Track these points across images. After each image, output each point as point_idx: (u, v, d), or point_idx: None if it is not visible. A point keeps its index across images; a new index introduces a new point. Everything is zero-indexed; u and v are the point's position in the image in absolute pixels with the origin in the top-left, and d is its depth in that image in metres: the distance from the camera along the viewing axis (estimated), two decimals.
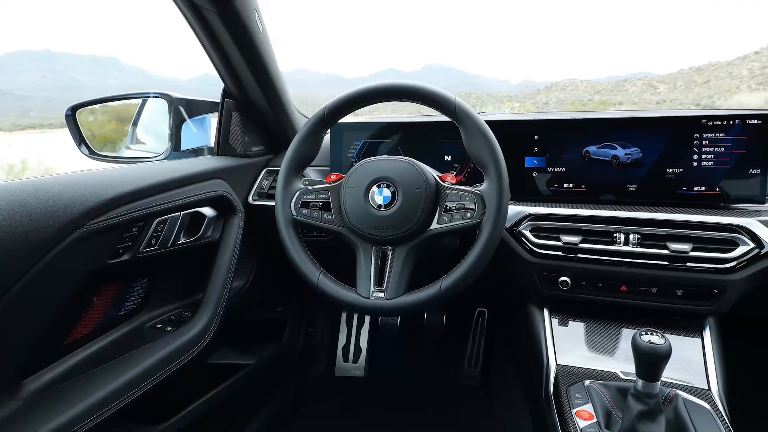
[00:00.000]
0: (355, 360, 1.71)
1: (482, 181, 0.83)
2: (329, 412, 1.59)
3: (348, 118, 0.99)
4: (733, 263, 0.89)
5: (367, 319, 1.78)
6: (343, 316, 1.79)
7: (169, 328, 1.02)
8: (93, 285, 0.91)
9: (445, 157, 1.15)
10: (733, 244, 0.89)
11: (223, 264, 1.09)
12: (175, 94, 1.27)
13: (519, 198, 1.07)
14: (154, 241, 0.93)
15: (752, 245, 0.88)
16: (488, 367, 1.67)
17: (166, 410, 1.12)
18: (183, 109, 1.28)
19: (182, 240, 1.01)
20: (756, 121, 0.93)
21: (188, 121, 1.29)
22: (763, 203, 0.94)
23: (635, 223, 0.95)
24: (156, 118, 1.37)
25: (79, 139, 1.31)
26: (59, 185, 0.79)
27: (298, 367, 1.68)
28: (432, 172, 0.87)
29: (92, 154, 1.34)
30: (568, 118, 1.07)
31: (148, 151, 1.42)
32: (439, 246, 1.00)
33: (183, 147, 1.29)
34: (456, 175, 0.88)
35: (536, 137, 1.07)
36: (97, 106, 1.38)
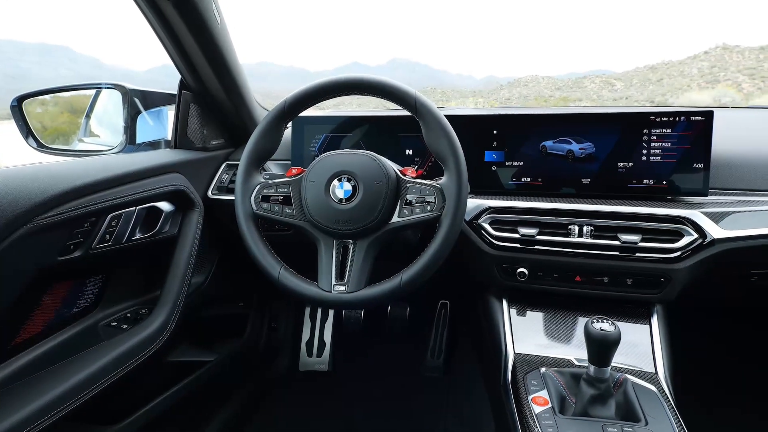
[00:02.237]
0: (319, 354, 1.71)
1: (443, 175, 0.84)
2: (292, 406, 1.59)
3: (310, 112, 0.99)
4: (679, 253, 0.93)
5: (331, 313, 1.78)
6: (307, 310, 1.79)
7: (125, 326, 0.99)
8: (43, 283, 0.88)
9: (407, 151, 1.16)
10: (679, 235, 0.94)
11: (181, 259, 1.06)
12: (130, 85, 1.23)
13: (479, 191, 1.09)
14: (107, 237, 0.90)
15: (696, 236, 0.93)
16: (451, 357, 1.70)
17: (121, 410, 1.09)
18: (138, 101, 1.24)
19: (138, 235, 0.98)
20: (699, 118, 0.98)
21: (144, 113, 1.25)
22: (706, 196, 0.99)
23: (588, 216, 0.99)
24: (110, 110, 1.32)
25: (26, 132, 1.25)
26: (4, 179, 0.75)
27: (260, 362, 1.67)
28: (393, 166, 0.88)
29: (41, 147, 1.28)
30: (526, 113, 1.10)
31: (102, 144, 1.37)
32: (401, 239, 1.02)
33: (139, 140, 1.25)
34: (417, 169, 0.89)
35: (495, 132, 1.10)
36: (48, 97, 1.32)
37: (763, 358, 1.52)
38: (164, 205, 1.04)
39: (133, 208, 0.95)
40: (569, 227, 0.99)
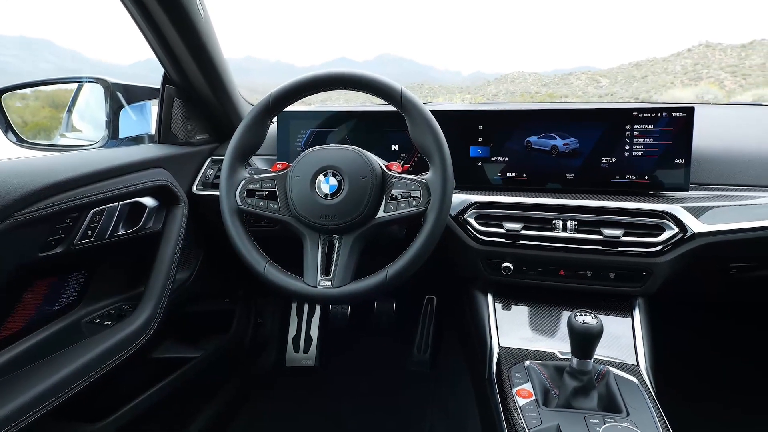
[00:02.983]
0: (306, 350, 1.71)
1: (428, 170, 0.85)
2: (279, 402, 1.59)
3: (295, 107, 0.98)
4: (660, 247, 0.95)
5: (318, 308, 1.78)
6: (294, 306, 1.78)
7: (109, 323, 0.98)
8: (23, 280, 0.86)
9: (393, 146, 1.16)
10: (660, 230, 0.95)
11: (165, 255, 1.06)
12: (112, 79, 1.21)
13: (464, 187, 1.09)
14: (90, 233, 0.89)
15: (677, 230, 0.94)
16: (437, 352, 1.71)
17: (105, 407, 1.08)
18: (121, 95, 1.22)
19: (121, 231, 0.97)
20: (681, 114, 0.99)
21: (127, 107, 1.23)
22: (687, 191, 1.00)
23: (572, 210, 1.00)
24: (92, 105, 1.30)
25: (6, 126, 1.23)
26: None
27: (246, 359, 1.66)
28: (378, 161, 0.88)
29: (21, 141, 1.26)
30: (510, 109, 1.11)
31: (84, 139, 1.35)
32: (387, 234, 1.02)
33: (121, 135, 1.23)
34: (403, 165, 0.89)
35: (480, 127, 1.10)
36: (29, 91, 1.30)
37: (743, 351, 1.56)
38: (148, 201, 1.03)
39: (116, 203, 0.94)
40: (553, 222, 1.00)
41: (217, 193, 0.91)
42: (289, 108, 0.94)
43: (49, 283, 0.93)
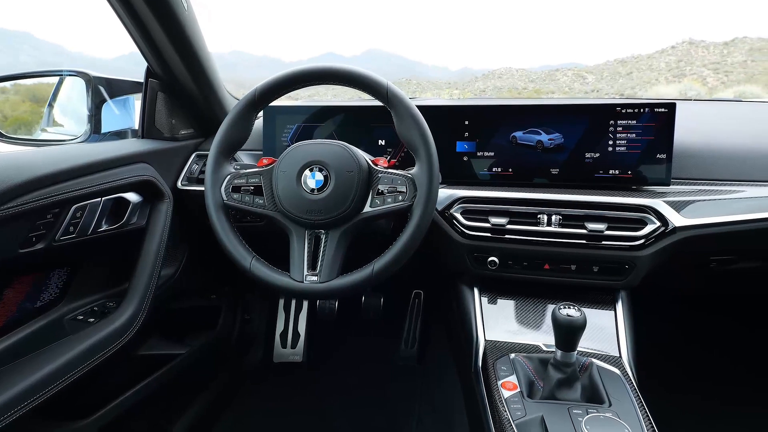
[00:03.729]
0: (294, 345, 1.71)
1: (415, 165, 0.85)
2: (266, 398, 1.59)
3: (282, 102, 0.98)
4: (642, 241, 0.96)
5: (306, 303, 1.77)
6: (281, 301, 1.78)
7: (92, 320, 0.97)
8: (3, 276, 0.85)
9: (379, 141, 1.16)
10: (642, 223, 0.97)
11: (150, 251, 1.04)
12: (94, 73, 1.19)
13: (451, 182, 1.10)
14: (72, 229, 0.88)
15: (658, 224, 0.96)
16: (424, 346, 1.72)
17: (89, 405, 1.07)
18: (103, 89, 1.20)
19: (104, 227, 0.96)
20: (663, 110, 1.01)
21: (109, 101, 1.22)
22: (668, 185, 1.02)
23: (557, 205, 1.01)
24: (74, 99, 1.28)
25: None
26: None
27: (233, 355, 1.65)
28: (365, 156, 0.88)
29: (0, 136, 1.23)
30: (496, 104, 1.12)
31: (66, 133, 1.33)
32: (374, 229, 1.02)
33: (104, 129, 1.21)
34: (390, 160, 0.89)
35: (466, 122, 1.11)
36: (8, 84, 1.27)
37: (722, 343, 1.59)
38: (132, 196, 1.02)
39: (99, 199, 0.93)
40: (538, 216, 1.01)
41: (203, 189, 0.91)
42: (276, 102, 0.94)
43: (31, 280, 0.92)
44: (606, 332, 0.98)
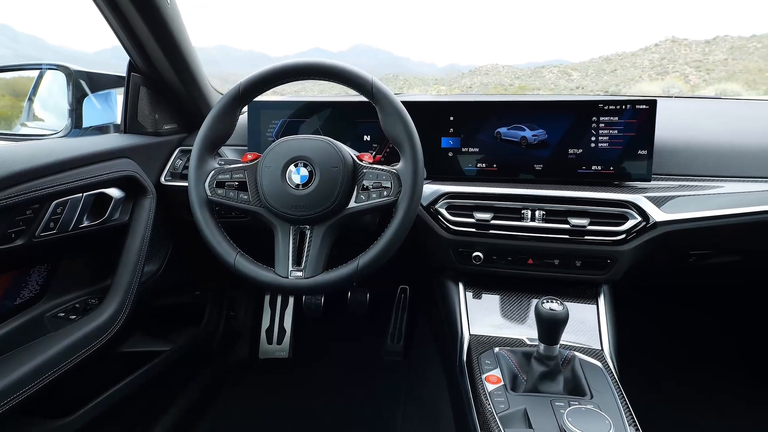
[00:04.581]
0: (279, 341, 1.71)
1: (399, 161, 0.85)
2: (251, 395, 1.58)
3: (267, 97, 0.97)
4: (624, 235, 0.98)
5: (292, 299, 1.77)
6: (267, 297, 1.77)
7: (74, 317, 0.96)
8: None
9: (365, 137, 1.16)
10: (624, 219, 0.98)
11: (133, 247, 1.03)
12: (74, 66, 1.17)
13: (436, 177, 1.10)
14: (52, 225, 0.86)
15: (639, 219, 0.97)
16: (410, 341, 1.73)
17: (71, 403, 1.06)
18: (84, 83, 1.19)
19: (86, 223, 0.95)
20: (644, 106, 1.02)
21: (91, 96, 1.20)
22: (649, 181, 1.04)
23: (540, 200, 1.02)
24: (55, 93, 1.26)
25: None
26: None
27: (218, 351, 1.65)
28: (350, 152, 0.88)
29: None
30: (481, 100, 1.12)
31: (46, 128, 1.31)
32: (358, 224, 1.02)
33: (86, 124, 1.20)
34: (375, 155, 0.89)
35: (451, 118, 1.11)
36: None
37: (700, 335, 1.63)
38: (114, 192, 1.01)
39: (80, 194, 0.92)
40: (522, 212, 1.02)
41: (186, 184, 0.90)
42: (261, 98, 0.93)
43: (10, 277, 0.90)
44: (588, 326, 0.99)
